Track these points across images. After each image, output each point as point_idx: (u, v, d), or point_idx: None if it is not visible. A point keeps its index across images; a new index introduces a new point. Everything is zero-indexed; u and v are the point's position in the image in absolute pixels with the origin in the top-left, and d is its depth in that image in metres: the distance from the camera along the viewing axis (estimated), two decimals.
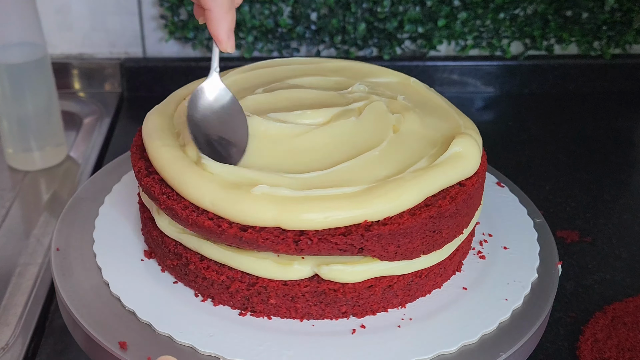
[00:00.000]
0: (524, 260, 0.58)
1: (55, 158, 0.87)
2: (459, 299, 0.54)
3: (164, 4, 0.99)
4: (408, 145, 0.55)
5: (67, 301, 0.53)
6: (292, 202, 0.48)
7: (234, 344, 0.49)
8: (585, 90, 1.09)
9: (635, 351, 0.61)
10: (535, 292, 0.56)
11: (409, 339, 0.50)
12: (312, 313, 0.52)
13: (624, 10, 1.03)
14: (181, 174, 0.51)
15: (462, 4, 1.01)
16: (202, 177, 0.51)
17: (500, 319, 0.52)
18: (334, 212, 0.48)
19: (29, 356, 0.62)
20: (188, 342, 0.49)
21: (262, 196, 0.49)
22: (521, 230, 0.62)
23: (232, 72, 0.65)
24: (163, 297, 0.53)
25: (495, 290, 0.55)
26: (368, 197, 0.49)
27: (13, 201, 0.82)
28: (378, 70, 0.66)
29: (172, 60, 1.04)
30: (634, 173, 0.92)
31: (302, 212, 0.48)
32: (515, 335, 0.51)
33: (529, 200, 0.66)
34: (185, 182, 0.51)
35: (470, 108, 1.05)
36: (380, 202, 0.49)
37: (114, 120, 0.99)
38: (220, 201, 0.49)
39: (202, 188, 0.50)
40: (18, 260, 0.72)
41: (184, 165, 0.52)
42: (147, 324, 0.51)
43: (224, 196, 0.49)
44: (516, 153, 0.94)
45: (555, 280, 0.57)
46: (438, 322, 0.52)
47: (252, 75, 0.64)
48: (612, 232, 0.78)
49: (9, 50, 0.79)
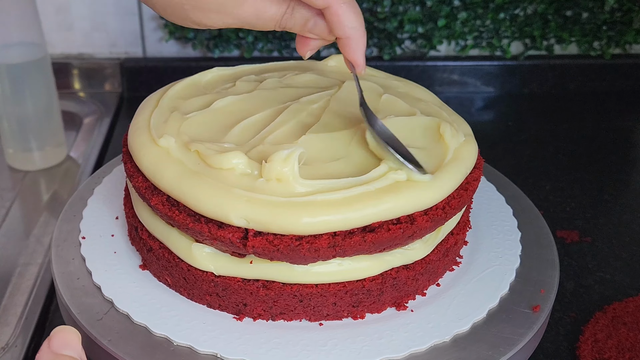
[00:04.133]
0: (507, 250, 0.59)
1: (55, 158, 0.87)
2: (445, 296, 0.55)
3: None
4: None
5: (67, 301, 0.53)
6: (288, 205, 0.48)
7: (236, 345, 0.49)
8: (585, 90, 1.09)
9: (635, 351, 0.61)
10: (535, 292, 0.56)
11: (406, 330, 0.51)
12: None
13: (624, 10, 1.03)
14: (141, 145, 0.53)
15: (462, 4, 1.01)
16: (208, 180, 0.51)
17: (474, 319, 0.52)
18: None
19: (29, 356, 0.62)
20: (186, 343, 0.49)
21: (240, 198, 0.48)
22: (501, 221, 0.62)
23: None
24: (142, 288, 0.54)
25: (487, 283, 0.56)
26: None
27: (13, 201, 0.82)
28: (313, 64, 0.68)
29: (172, 60, 1.05)
30: (634, 173, 0.92)
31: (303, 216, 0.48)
32: (511, 341, 0.51)
33: (528, 200, 0.66)
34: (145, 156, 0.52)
35: (470, 108, 1.05)
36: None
37: (114, 120, 0.99)
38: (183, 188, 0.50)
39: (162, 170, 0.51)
40: (18, 260, 0.72)
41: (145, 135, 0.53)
42: (142, 326, 0.51)
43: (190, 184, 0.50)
44: (516, 153, 0.94)
45: (556, 280, 0.57)
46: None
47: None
48: (612, 232, 0.78)
49: (9, 50, 0.79)
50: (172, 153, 0.52)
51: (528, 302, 0.54)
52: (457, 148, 0.54)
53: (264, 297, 0.51)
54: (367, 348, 0.49)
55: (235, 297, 0.51)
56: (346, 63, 0.53)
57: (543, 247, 0.60)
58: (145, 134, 0.54)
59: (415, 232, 0.50)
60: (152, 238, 0.54)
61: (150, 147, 0.53)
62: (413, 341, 0.50)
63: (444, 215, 0.51)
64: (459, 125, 0.58)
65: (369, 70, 0.65)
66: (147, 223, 0.54)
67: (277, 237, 0.47)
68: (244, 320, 0.52)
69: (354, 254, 0.49)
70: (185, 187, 0.49)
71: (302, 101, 0.59)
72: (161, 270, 0.54)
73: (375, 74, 0.66)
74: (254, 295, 0.51)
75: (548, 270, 0.58)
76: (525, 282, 0.57)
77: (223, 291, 0.51)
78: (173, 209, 0.50)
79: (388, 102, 0.60)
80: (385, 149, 0.51)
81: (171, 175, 0.50)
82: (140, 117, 0.57)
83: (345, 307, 0.52)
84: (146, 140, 0.53)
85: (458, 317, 0.52)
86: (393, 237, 0.49)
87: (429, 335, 0.51)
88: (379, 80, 0.64)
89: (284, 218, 0.47)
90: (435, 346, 0.50)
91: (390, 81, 0.64)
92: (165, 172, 0.50)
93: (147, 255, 0.55)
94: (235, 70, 0.65)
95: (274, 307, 0.51)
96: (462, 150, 0.54)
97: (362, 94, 0.54)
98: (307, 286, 0.51)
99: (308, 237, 0.47)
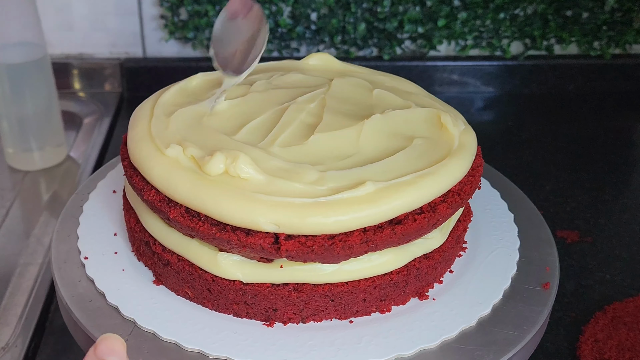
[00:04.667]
0: (507, 254, 0.59)
1: (55, 158, 0.87)
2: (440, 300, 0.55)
3: (164, 4, 0.99)
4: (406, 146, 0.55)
5: (86, 325, 0.51)
6: (297, 207, 0.48)
7: (273, 351, 0.49)
8: (585, 90, 1.09)
9: (636, 351, 0.61)
10: (541, 270, 0.57)
11: (413, 328, 0.51)
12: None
13: (624, 10, 1.03)
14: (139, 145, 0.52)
15: (462, 4, 1.01)
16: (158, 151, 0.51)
17: (481, 315, 0.53)
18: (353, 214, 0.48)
19: (29, 356, 0.62)
20: (221, 355, 0.48)
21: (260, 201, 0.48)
22: (502, 224, 0.63)
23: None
24: (162, 303, 0.52)
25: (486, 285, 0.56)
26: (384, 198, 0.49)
27: (13, 201, 0.82)
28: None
29: (172, 60, 1.05)
30: (634, 173, 0.92)
31: (309, 216, 0.47)
32: (515, 337, 0.52)
33: (528, 200, 0.66)
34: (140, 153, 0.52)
35: (470, 108, 1.05)
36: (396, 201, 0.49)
37: (114, 120, 0.99)
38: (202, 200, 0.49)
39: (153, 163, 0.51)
40: (18, 260, 0.72)
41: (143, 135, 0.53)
42: (172, 342, 0.50)
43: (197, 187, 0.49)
44: (516, 153, 0.94)
45: (556, 280, 0.57)
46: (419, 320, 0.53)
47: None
48: (612, 232, 0.78)
49: (9, 50, 0.79)
50: (182, 162, 0.50)
51: (537, 281, 0.56)
52: (460, 135, 0.56)
53: (296, 300, 0.50)
54: (401, 341, 0.50)
55: (265, 303, 0.51)
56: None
57: (543, 247, 0.61)
58: (149, 145, 0.53)
59: (437, 220, 0.51)
60: (168, 251, 0.53)
61: (158, 158, 0.51)
62: (442, 329, 0.51)
63: (460, 201, 0.52)
64: (454, 115, 0.59)
65: (353, 67, 0.66)
66: (161, 236, 0.53)
67: (310, 239, 0.47)
68: (274, 326, 0.51)
69: (384, 247, 0.49)
70: (205, 196, 0.48)
71: (299, 101, 0.58)
72: (181, 284, 0.53)
73: (361, 71, 0.66)
74: (284, 300, 0.50)
75: (547, 248, 0.60)
76: (529, 262, 0.58)
77: (252, 298, 0.51)
78: (195, 220, 0.49)
79: (381, 97, 0.60)
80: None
81: (187, 186, 0.49)
82: (139, 128, 0.55)
83: (374, 301, 0.52)
84: (151, 151, 0.52)
85: (478, 301, 0.53)
86: (419, 227, 0.49)
87: (456, 322, 0.51)
88: (366, 76, 0.64)
89: (315, 219, 0.47)
90: (463, 332, 0.51)
91: (376, 77, 0.65)
92: (179, 183, 0.49)
93: (163, 269, 0.53)
94: (219, 75, 0.64)
95: (305, 310, 0.51)
96: (465, 138, 0.56)
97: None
98: (338, 285, 0.51)
99: (340, 235, 0.48)
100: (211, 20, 0.99)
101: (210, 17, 0.99)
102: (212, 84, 0.62)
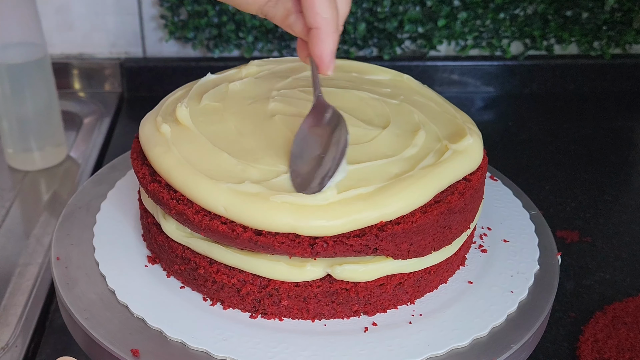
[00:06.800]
0: (525, 251, 0.59)
1: (55, 158, 0.87)
2: (465, 293, 0.55)
3: (164, 4, 0.99)
4: (413, 142, 0.55)
5: (67, 301, 0.52)
6: (309, 209, 0.48)
7: (248, 347, 0.49)
8: (585, 90, 1.09)
9: (635, 351, 0.61)
10: (538, 285, 0.57)
11: (421, 335, 0.51)
12: (324, 313, 0.52)
13: (624, 10, 1.03)
14: (190, 180, 0.50)
15: (462, 4, 1.01)
16: (213, 182, 0.50)
17: (508, 311, 0.53)
18: (351, 217, 0.48)
19: (29, 356, 0.62)
20: (202, 347, 0.49)
21: (280, 203, 0.48)
22: (519, 222, 0.63)
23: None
24: (171, 303, 0.52)
25: (499, 282, 0.56)
26: (382, 197, 0.49)
27: (13, 201, 0.82)
28: (371, 68, 0.66)
29: (172, 60, 1.05)
30: (634, 173, 0.92)
31: (319, 218, 0.48)
32: (523, 326, 0.52)
33: (528, 200, 0.66)
34: (196, 187, 0.50)
35: (470, 108, 1.05)
36: (395, 201, 0.49)
37: (114, 120, 0.99)
38: (235, 207, 0.48)
39: (214, 194, 0.49)
40: (18, 260, 0.72)
41: (191, 171, 0.51)
42: (157, 330, 0.50)
43: (239, 202, 0.48)
44: (516, 153, 0.94)
45: (556, 273, 0.57)
46: (448, 317, 0.52)
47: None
48: (612, 232, 0.78)
49: (9, 50, 0.79)
50: (217, 178, 0.50)
51: (538, 281, 0.57)
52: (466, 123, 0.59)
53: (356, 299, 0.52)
54: (433, 343, 0.50)
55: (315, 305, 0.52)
56: (310, 61, 0.51)
57: (543, 247, 0.61)
58: (187, 168, 0.51)
59: (473, 193, 0.54)
60: (233, 270, 0.52)
61: (201, 180, 0.50)
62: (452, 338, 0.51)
63: (482, 180, 0.56)
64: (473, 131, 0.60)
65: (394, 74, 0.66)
66: (222, 258, 0.52)
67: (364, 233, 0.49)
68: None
69: (442, 226, 0.52)
70: (251, 211, 0.48)
71: (285, 112, 0.58)
72: (253, 303, 0.52)
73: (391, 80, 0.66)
74: (342, 296, 0.52)
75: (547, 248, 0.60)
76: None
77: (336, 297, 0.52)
78: (266, 237, 0.48)
79: (398, 111, 0.60)
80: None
81: (232, 202, 0.48)
82: (158, 149, 0.53)
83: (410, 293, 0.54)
84: (192, 174, 0.51)
85: (507, 290, 0.55)
86: (462, 203, 0.52)
87: (488, 318, 0.52)
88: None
89: (367, 214, 0.48)
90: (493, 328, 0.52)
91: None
92: (222, 201, 0.49)
93: (219, 292, 0.52)
94: (183, 91, 0.62)
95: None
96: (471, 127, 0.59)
97: (320, 95, 0.53)
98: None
99: (390, 223, 0.49)
100: (211, 20, 0.99)
101: (210, 17, 0.99)
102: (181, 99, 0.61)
